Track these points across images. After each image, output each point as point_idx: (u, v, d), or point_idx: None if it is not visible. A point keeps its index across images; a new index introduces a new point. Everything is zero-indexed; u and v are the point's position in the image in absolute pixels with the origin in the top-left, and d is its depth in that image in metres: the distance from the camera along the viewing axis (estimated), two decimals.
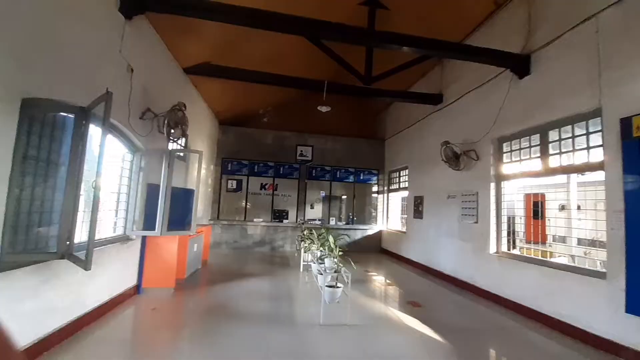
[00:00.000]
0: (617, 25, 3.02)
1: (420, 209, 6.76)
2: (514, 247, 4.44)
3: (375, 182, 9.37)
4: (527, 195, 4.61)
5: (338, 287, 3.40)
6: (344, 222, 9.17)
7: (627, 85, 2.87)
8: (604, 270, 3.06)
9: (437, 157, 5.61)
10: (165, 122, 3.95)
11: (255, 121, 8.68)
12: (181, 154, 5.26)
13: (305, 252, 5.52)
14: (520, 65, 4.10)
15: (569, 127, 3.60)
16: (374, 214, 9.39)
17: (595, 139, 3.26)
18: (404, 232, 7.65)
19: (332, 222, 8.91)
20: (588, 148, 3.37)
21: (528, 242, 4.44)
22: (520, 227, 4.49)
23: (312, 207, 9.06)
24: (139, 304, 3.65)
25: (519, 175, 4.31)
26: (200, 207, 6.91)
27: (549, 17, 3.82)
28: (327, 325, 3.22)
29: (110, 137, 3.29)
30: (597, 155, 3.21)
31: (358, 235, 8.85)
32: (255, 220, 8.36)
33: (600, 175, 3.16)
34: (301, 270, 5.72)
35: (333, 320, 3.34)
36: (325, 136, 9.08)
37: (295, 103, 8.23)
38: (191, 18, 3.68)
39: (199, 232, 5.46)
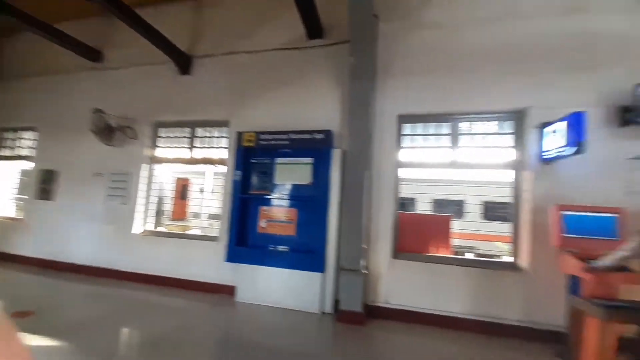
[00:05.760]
0: (246, 68, 4.33)
1: (49, 187, 5.14)
2: (160, 225, 4.83)
3: None
4: (177, 179, 5.23)
5: None
6: None
7: (242, 110, 4.28)
8: (218, 235, 4.28)
9: (85, 126, 4.62)
10: None
11: None
12: None
13: None
14: (183, 62, 4.55)
15: (212, 128, 4.60)
16: None
17: (226, 142, 4.47)
18: (19, 220, 5.41)
19: None
20: (221, 147, 4.52)
21: (173, 219, 5.05)
22: (168, 207, 4.97)
23: None
24: None
25: (172, 160, 4.76)
26: None
27: (210, 36, 4.61)
28: None
29: None
30: (225, 154, 4.42)
31: None
32: None
33: (225, 169, 4.38)
34: None
35: None
36: None
37: None
38: None
39: None
